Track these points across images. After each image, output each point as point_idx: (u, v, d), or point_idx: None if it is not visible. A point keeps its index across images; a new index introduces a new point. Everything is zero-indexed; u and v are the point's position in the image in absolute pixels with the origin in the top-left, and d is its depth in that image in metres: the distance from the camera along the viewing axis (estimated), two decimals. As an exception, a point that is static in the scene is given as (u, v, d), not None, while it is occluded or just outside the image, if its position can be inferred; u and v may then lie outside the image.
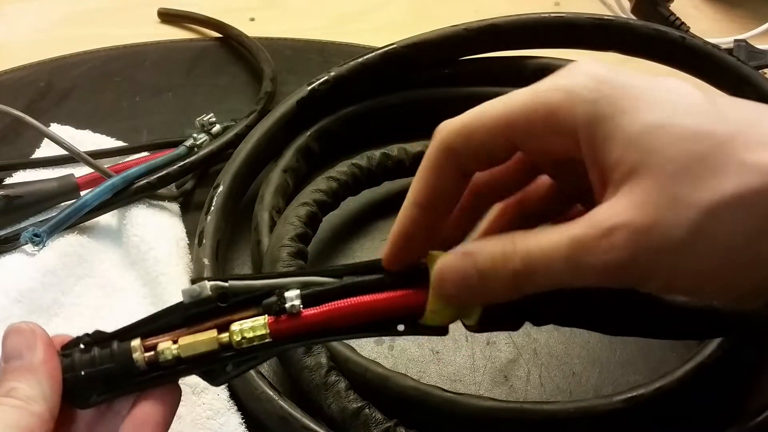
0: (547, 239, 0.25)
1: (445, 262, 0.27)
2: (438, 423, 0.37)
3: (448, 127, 0.27)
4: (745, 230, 0.23)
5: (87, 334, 0.28)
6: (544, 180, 0.31)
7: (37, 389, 0.26)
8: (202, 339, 0.27)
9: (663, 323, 0.32)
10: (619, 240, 0.24)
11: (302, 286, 0.27)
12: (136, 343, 0.27)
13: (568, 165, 0.27)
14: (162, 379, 0.28)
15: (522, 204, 0.31)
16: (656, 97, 0.25)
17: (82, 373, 0.27)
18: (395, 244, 0.28)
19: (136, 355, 0.27)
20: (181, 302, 0.27)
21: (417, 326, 0.28)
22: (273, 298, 0.27)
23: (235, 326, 0.27)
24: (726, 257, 0.23)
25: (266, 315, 0.27)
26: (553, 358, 0.44)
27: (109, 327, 0.28)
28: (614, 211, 0.24)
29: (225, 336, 0.27)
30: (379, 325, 0.28)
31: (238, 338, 0.27)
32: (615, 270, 0.24)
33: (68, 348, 0.28)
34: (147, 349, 0.27)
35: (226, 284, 0.27)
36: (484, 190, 0.30)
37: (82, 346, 0.28)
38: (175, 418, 0.40)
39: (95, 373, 0.27)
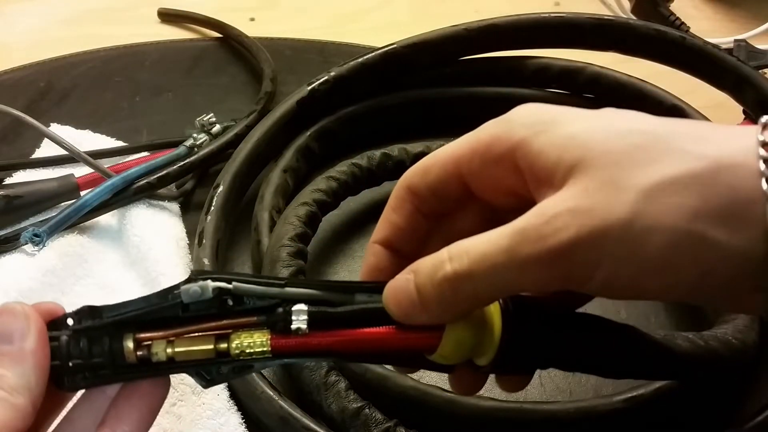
0: (487, 236, 0.25)
1: (390, 284, 0.27)
2: (438, 423, 0.37)
3: (409, 170, 0.29)
4: (685, 211, 0.23)
5: (76, 312, 0.27)
6: None
7: (24, 380, 0.25)
8: (199, 348, 0.26)
9: (667, 366, 0.33)
10: (562, 223, 0.24)
11: (311, 301, 0.26)
12: (129, 343, 0.26)
13: (521, 207, 0.27)
14: (152, 375, 0.27)
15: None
16: (591, 113, 0.26)
17: (70, 364, 0.26)
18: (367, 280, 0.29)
19: (129, 353, 0.26)
20: (180, 300, 0.26)
21: (425, 361, 0.28)
22: (279, 314, 0.26)
23: (234, 339, 0.26)
24: (667, 241, 0.23)
25: (269, 331, 0.26)
26: (553, 358, 0.44)
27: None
28: (557, 201, 0.24)
29: (223, 345, 0.26)
30: (386, 357, 0.27)
31: (237, 351, 0.26)
32: (558, 258, 0.24)
33: (56, 328, 0.27)
34: (140, 344, 0.26)
35: (230, 286, 0.26)
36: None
37: (70, 322, 0.26)
38: (175, 417, 0.40)
39: (83, 365, 0.26)
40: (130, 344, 0.26)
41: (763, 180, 0.23)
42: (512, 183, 0.27)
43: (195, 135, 0.55)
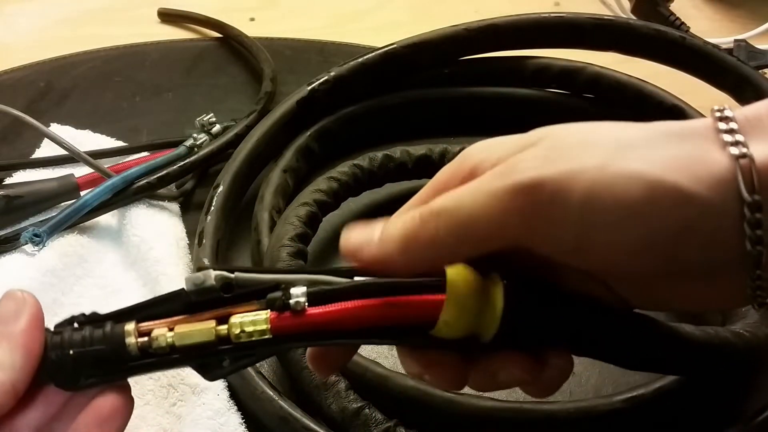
0: (457, 188, 0.25)
1: (352, 226, 0.27)
2: (438, 423, 0.37)
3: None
4: (659, 162, 0.23)
5: (83, 314, 0.27)
6: None
7: (7, 357, 0.25)
8: (199, 329, 0.26)
9: (680, 354, 0.32)
10: (531, 163, 0.24)
11: (310, 283, 0.26)
12: (130, 327, 0.26)
13: None
14: (154, 368, 0.27)
15: None
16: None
17: (71, 352, 0.26)
18: None
19: (129, 340, 0.26)
20: (182, 289, 0.26)
21: (428, 338, 0.27)
22: (277, 293, 0.26)
23: (234, 319, 0.26)
24: (644, 188, 0.23)
25: (268, 310, 0.26)
26: (553, 358, 0.44)
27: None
28: (526, 151, 0.25)
29: (224, 328, 0.26)
30: (387, 332, 0.27)
31: (237, 331, 0.25)
32: (526, 190, 0.23)
33: (61, 326, 0.27)
34: (141, 334, 0.26)
35: (232, 275, 0.26)
36: None
37: (75, 325, 0.27)
38: (175, 417, 0.40)
39: (84, 353, 0.26)
40: (131, 329, 0.26)
41: (729, 147, 0.23)
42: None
43: (195, 135, 0.55)
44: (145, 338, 0.26)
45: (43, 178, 0.52)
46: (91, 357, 0.26)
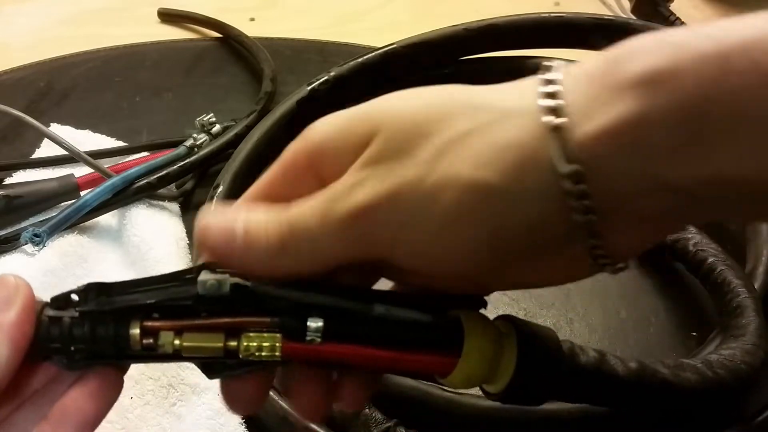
0: (310, 201, 0.25)
1: (215, 214, 0.26)
2: (438, 423, 0.37)
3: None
4: (470, 161, 0.23)
5: (83, 289, 0.25)
6: None
7: None
8: (208, 345, 0.25)
9: (676, 402, 0.33)
10: (362, 183, 0.24)
11: (327, 313, 0.25)
12: (135, 330, 0.25)
13: None
14: (156, 362, 0.26)
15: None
16: (395, 93, 0.27)
17: (73, 348, 0.25)
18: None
19: (134, 342, 0.25)
20: (195, 289, 0.25)
21: (435, 381, 0.27)
22: (294, 321, 0.25)
23: (245, 340, 0.25)
24: (456, 191, 0.23)
25: (281, 335, 0.25)
26: (553, 358, 0.44)
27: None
28: (357, 163, 0.25)
29: (233, 343, 0.25)
30: (396, 373, 0.27)
31: (247, 352, 0.25)
32: (359, 218, 0.24)
33: (59, 305, 0.25)
34: (146, 332, 0.25)
35: (248, 283, 0.25)
36: None
37: (75, 298, 0.25)
38: (176, 417, 0.40)
39: (86, 349, 0.25)
40: (136, 332, 0.25)
41: (546, 114, 0.22)
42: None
43: (195, 135, 0.55)
44: (150, 339, 0.25)
45: (43, 178, 0.52)
46: (93, 352, 0.25)
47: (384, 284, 0.28)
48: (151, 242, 0.48)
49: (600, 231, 0.23)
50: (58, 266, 0.47)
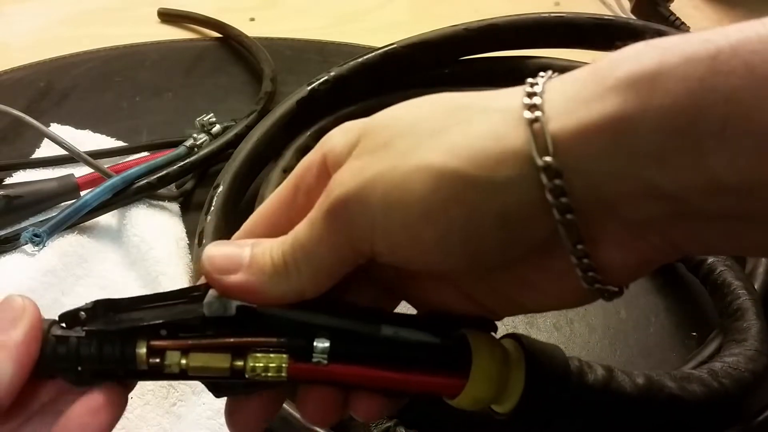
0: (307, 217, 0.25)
1: (222, 244, 0.26)
2: (438, 423, 0.37)
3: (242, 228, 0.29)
4: (443, 149, 0.23)
5: (91, 307, 0.26)
6: None
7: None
8: (215, 365, 0.25)
9: (683, 416, 0.34)
10: (339, 182, 0.24)
11: (334, 334, 0.25)
12: (142, 350, 0.25)
13: None
14: (162, 379, 0.26)
15: None
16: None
17: (79, 368, 0.25)
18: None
19: (141, 361, 0.25)
20: (201, 310, 0.25)
21: (442, 403, 0.27)
22: (300, 342, 0.25)
23: (251, 360, 0.25)
24: (427, 181, 0.23)
25: (287, 355, 0.25)
26: (553, 358, 0.44)
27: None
28: (344, 166, 0.25)
29: (239, 363, 0.25)
30: (403, 394, 0.27)
31: (253, 372, 0.25)
32: (336, 215, 0.24)
33: (68, 322, 0.26)
34: (153, 352, 0.25)
35: (254, 305, 0.25)
36: None
37: (82, 316, 0.26)
38: (176, 417, 0.40)
39: (93, 369, 0.25)
40: (143, 351, 0.25)
41: (525, 109, 0.22)
42: None
43: (195, 135, 0.55)
44: (157, 359, 0.25)
45: (43, 178, 0.52)
46: (100, 372, 0.25)
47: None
48: (151, 242, 0.48)
49: (585, 236, 0.23)
50: (58, 266, 0.47)
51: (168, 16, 0.75)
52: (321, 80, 0.54)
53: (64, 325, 0.26)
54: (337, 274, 0.26)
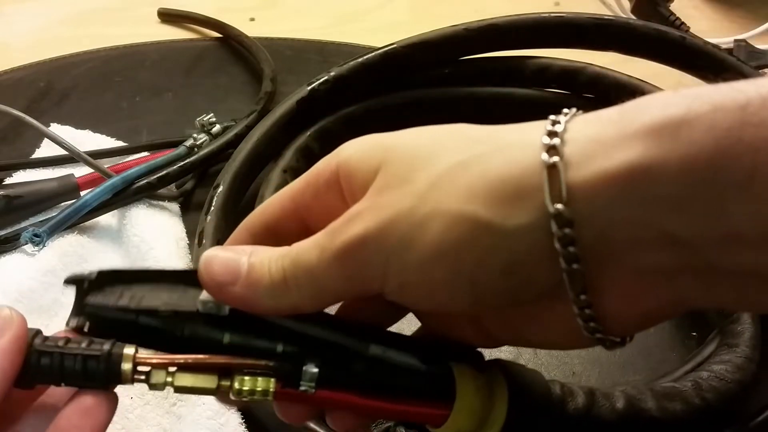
0: (311, 239, 0.25)
1: (219, 251, 0.26)
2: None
3: (251, 213, 0.29)
4: (461, 192, 0.23)
5: (92, 278, 0.26)
6: None
7: None
8: (201, 386, 0.25)
9: None
10: (356, 219, 0.24)
11: (322, 349, 0.25)
12: (127, 366, 0.25)
13: None
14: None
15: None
16: (418, 128, 0.26)
17: (62, 384, 0.25)
18: None
19: (125, 378, 0.25)
20: (197, 308, 0.26)
21: (406, 428, 0.28)
22: (288, 367, 0.25)
23: (238, 381, 0.25)
24: (443, 225, 0.23)
25: (274, 379, 0.25)
26: (553, 358, 0.44)
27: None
28: (360, 201, 0.25)
29: (225, 383, 0.25)
30: (388, 419, 0.27)
31: (239, 396, 0.25)
32: (350, 253, 0.24)
33: (70, 282, 0.26)
34: (137, 368, 0.25)
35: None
36: None
37: (65, 343, 0.25)
38: (176, 417, 0.40)
39: (77, 382, 0.25)
40: (128, 367, 0.25)
41: (543, 151, 0.22)
42: (344, 209, 0.26)
43: (195, 135, 0.55)
44: (142, 376, 0.25)
45: (43, 178, 0.52)
46: (84, 384, 0.25)
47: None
48: (151, 242, 0.48)
49: (590, 286, 0.22)
50: (58, 266, 0.47)
51: (168, 16, 0.74)
52: (321, 80, 0.54)
53: (70, 331, 0.26)
54: (339, 300, 0.26)
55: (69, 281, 0.26)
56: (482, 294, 0.24)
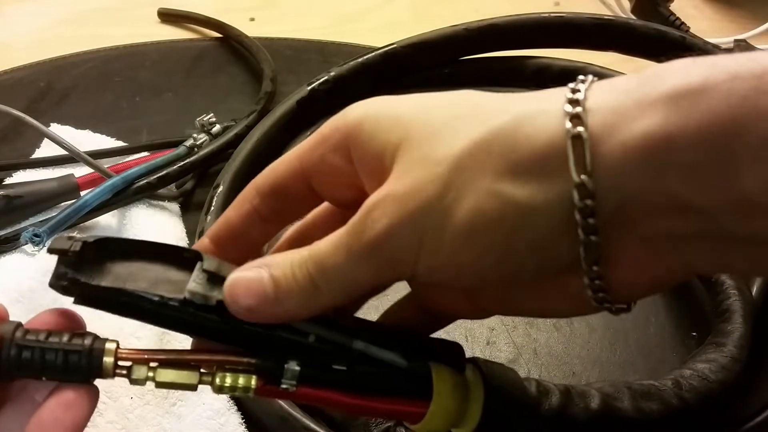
0: (333, 236, 0.25)
1: (237, 275, 0.25)
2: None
3: (259, 175, 0.29)
4: (488, 172, 0.23)
5: (76, 249, 0.25)
6: (325, 206, 0.30)
7: None
8: (182, 381, 0.25)
9: None
10: (379, 212, 0.24)
11: (305, 348, 0.25)
12: (109, 360, 0.25)
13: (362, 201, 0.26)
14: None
15: (307, 228, 0.31)
16: (427, 94, 0.26)
17: (43, 378, 0.25)
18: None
19: (107, 372, 0.25)
20: (183, 300, 0.25)
21: (406, 428, 0.28)
22: (270, 365, 0.25)
23: (219, 377, 0.25)
24: (472, 206, 0.23)
25: (256, 377, 0.25)
26: (553, 358, 0.44)
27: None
28: (380, 189, 0.24)
29: (207, 378, 0.25)
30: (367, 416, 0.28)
31: (220, 392, 0.25)
32: (378, 248, 0.24)
33: (54, 253, 0.25)
34: (119, 360, 0.25)
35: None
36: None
37: (46, 338, 0.25)
38: (176, 417, 0.40)
39: (57, 379, 0.25)
40: (110, 361, 0.25)
41: (567, 120, 0.22)
42: (351, 173, 0.26)
43: (195, 135, 0.55)
44: (123, 371, 0.25)
45: (43, 178, 0.52)
46: (65, 378, 0.25)
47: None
48: (151, 242, 0.48)
49: (602, 257, 0.22)
50: (58, 266, 0.47)
51: (168, 16, 0.75)
52: (321, 80, 0.54)
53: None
54: (370, 289, 0.26)
55: (52, 250, 0.25)
56: (508, 271, 0.24)
